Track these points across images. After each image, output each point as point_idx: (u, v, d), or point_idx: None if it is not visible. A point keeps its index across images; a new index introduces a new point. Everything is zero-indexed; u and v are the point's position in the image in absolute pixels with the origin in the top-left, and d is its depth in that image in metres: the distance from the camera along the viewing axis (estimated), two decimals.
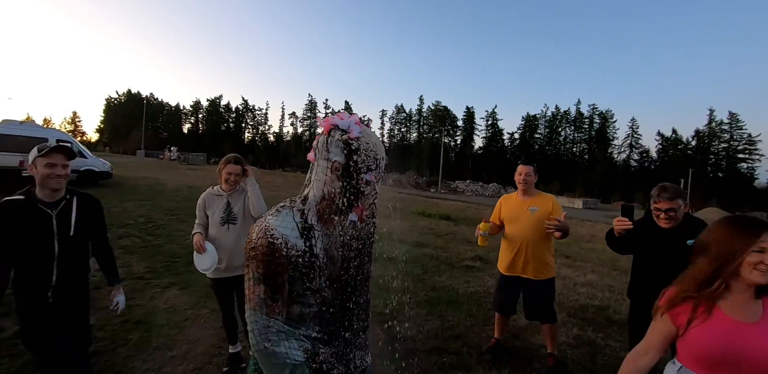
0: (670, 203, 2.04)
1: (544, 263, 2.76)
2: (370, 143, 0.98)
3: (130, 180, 14.06)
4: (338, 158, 0.96)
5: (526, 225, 2.74)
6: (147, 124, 73.12)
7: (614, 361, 3.05)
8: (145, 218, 7.16)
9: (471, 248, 7.36)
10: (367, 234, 1.06)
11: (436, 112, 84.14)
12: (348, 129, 0.98)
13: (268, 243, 0.89)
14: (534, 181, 2.84)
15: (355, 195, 0.97)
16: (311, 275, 0.94)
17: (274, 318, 0.90)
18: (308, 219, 0.97)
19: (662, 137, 72.44)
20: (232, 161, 2.42)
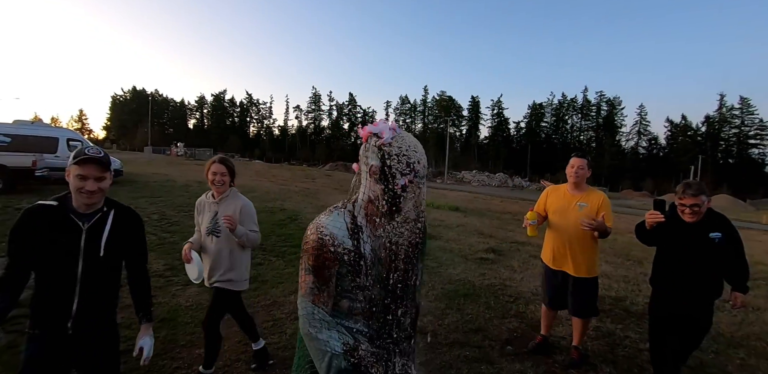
0: (694, 199, 2.14)
1: (590, 260, 2.70)
2: (402, 148, 1.00)
3: (140, 177, 14.18)
4: (374, 162, 1.02)
5: (573, 221, 2.65)
6: (153, 120, 73.37)
7: (634, 353, 3.06)
8: (159, 214, 7.23)
9: (483, 240, 7.35)
10: (414, 238, 1.08)
11: (441, 102, 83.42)
12: (380, 134, 1.03)
13: (318, 238, 0.99)
14: (587, 175, 2.76)
15: (394, 198, 1.01)
16: (358, 273, 1.02)
17: (319, 307, 0.99)
18: (357, 220, 1.04)
19: (671, 124, 71.29)
20: (217, 160, 2.24)
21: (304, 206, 10.11)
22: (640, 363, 2.89)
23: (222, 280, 2.22)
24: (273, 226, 7.00)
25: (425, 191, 1.07)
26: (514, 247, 6.95)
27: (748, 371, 2.87)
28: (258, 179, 17.91)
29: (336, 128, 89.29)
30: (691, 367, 2.87)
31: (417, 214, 1.06)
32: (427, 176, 1.09)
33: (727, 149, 66.95)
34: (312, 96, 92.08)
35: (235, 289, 2.27)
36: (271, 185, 15.77)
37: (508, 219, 11.39)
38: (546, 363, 2.79)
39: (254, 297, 3.56)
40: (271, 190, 13.53)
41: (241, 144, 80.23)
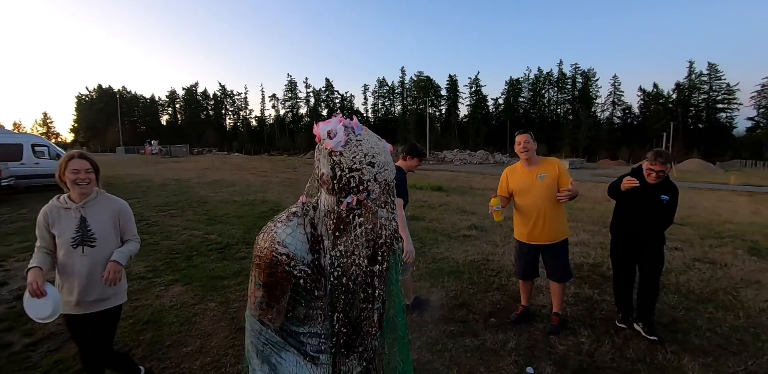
0: (662, 166, 2.72)
1: (559, 227, 2.86)
2: (356, 159, 0.82)
3: (115, 179, 13.76)
4: (325, 169, 0.86)
5: (538, 194, 2.78)
6: (123, 119, 70.59)
7: (611, 315, 3.20)
8: (137, 216, 6.96)
9: (466, 217, 7.47)
10: (366, 265, 0.92)
11: (419, 83, 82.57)
12: (331, 135, 0.85)
13: (272, 255, 0.85)
14: (534, 148, 2.85)
15: (339, 218, 0.87)
16: (316, 286, 0.91)
17: (265, 325, 0.92)
18: (318, 229, 0.90)
19: (644, 93, 72.57)
20: (76, 155, 1.83)
21: (286, 196, 10.03)
22: (616, 324, 3.03)
23: (105, 298, 1.86)
24: (256, 219, 6.94)
25: (387, 217, 0.89)
26: (496, 223, 7.07)
27: (716, 323, 3.05)
28: (238, 173, 17.61)
29: (315, 115, 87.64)
30: (664, 324, 3.03)
31: (370, 241, 0.88)
32: (390, 193, 0.89)
33: (697, 114, 68.83)
34: (288, 84, 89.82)
35: (121, 302, 1.95)
36: (252, 177, 15.55)
37: (489, 196, 11.53)
38: (528, 332, 2.90)
39: (239, 291, 3.55)
40: (252, 182, 13.34)
41: (218, 138, 78.25)
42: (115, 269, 1.79)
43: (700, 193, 15.64)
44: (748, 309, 3.37)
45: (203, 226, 6.33)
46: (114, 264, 1.80)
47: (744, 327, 3.00)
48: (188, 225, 6.37)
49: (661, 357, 2.56)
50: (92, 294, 1.82)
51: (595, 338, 2.80)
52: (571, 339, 2.80)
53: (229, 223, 6.59)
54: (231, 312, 3.12)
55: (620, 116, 76.50)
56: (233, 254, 4.76)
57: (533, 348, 2.67)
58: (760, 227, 7.22)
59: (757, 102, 65.20)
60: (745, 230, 6.81)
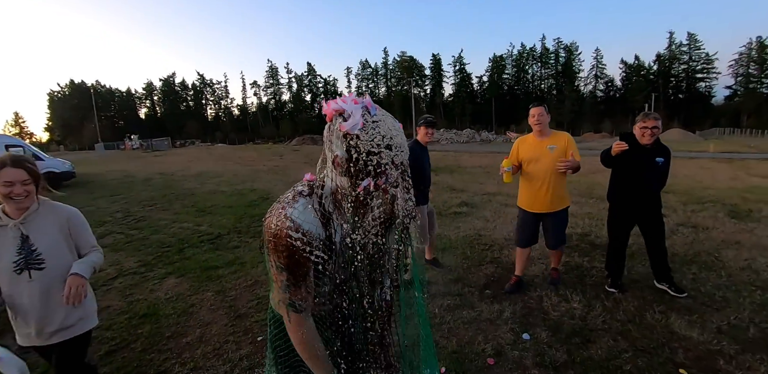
0: (655, 122, 2.80)
1: (562, 196, 3.03)
2: (374, 142, 0.81)
3: (96, 176, 13.41)
4: (339, 152, 0.84)
5: (548, 164, 2.92)
6: (99, 114, 68.18)
7: (600, 280, 3.30)
8: (123, 212, 6.93)
9: (456, 195, 7.52)
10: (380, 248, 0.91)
11: (402, 63, 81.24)
12: (346, 116, 0.83)
13: (288, 235, 0.83)
14: (547, 120, 3.02)
15: (356, 201, 0.85)
16: (327, 263, 0.91)
17: (297, 303, 0.88)
18: (326, 206, 0.90)
19: (625, 65, 72.86)
20: (9, 162, 1.47)
21: (275, 184, 9.94)
22: (606, 288, 3.13)
23: (70, 325, 1.58)
24: (246, 208, 6.88)
25: (404, 197, 0.87)
26: (486, 198, 7.16)
27: (700, 283, 3.18)
28: (224, 163, 17.32)
29: (298, 100, 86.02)
30: (651, 286, 3.14)
31: (387, 221, 0.87)
32: (406, 174, 0.88)
33: (677, 84, 69.74)
34: (268, 70, 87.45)
35: (90, 327, 1.67)
36: (238, 167, 15.31)
37: (478, 173, 11.63)
38: (522, 301, 2.98)
39: (235, 280, 3.55)
40: (239, 172, 13.15)
41: (200, 129, 76.45)
42: (77, 284, 1.47)
43: (681, 161, 15.97)
44: (730, 268, 3.50)
45: (192, 218, 6.25)
46: (75, 278, 1.48)
47: (726, 285, 3.13)
48: (177, 218, 6.28)
49: (649, 317, 2.67)
50: (52, 323, 1.53)
51: (586, 303, 2.89)
52: (564, 305, 2.88)
53: (218, 214, 6.51)
54: (228, 301, 3.12)
55: (603, 89, 77.00)
56: (225, 244, 4.73)
57: (528, 315, 2.75)
58: (738, 192, 7.44)
59: (734, 70, 66.25)
60: (725, 195, 7.01)
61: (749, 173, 11.38)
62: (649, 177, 2.86)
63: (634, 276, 3.38)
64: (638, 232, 3.09)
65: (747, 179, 9.85)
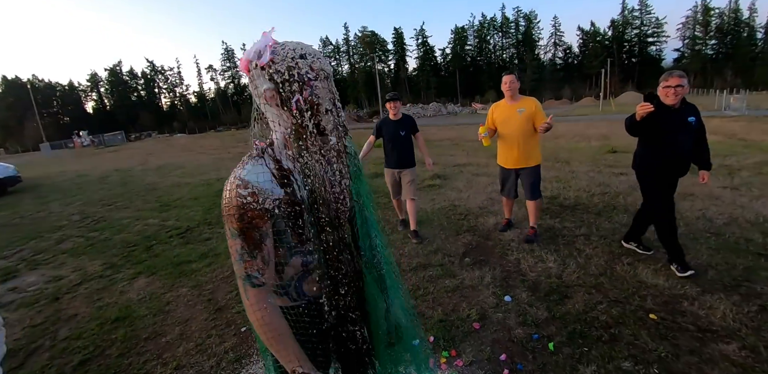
0: (679, 80, 2.52)
1: (533, 153, 3.39)
2: (287, 58, 0.81)
3: (45, 179, 12.49)
4: (265, 85, 0.83)
5: (517, 125, 3.31)
6: (41, 111, 62.79)
7: (572, 239, 3.43)
8: (80, 214, 6.51)
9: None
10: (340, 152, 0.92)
11: (364, 38, 78.79)
12: (258, 55, 0.82)
13: (238, 194, 0.79)
14: (518, 87, 3.37)
15: (302, 116, 0.84)
16: (299, 224, 0.86)
17: (252, 274, 0.82)
18: (283, 164, 0.86)
19: (582, 32, 74.15)
20: None
21: None
22: (578, 246, 3.26)
23: None
24: (213, 198, 6.62)
25: (329, 108, 0.87)
26: (457, 170, 7.21)
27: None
28: (185, 154, 16.56)
29: None
30: (618, 241, 3.28)
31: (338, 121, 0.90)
32: (330, 84, 0.89)
33: (630, 49, 72.05)
34: (224, 52, 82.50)
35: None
36: (201, 156, 14.69)
37: (447, 145, 11.68)
38: (501, 265, 3.05)
39: (210, 272, 3.43)
40: (203, 162, 12.62)
41: (155, 119, 72.24)
42: None
43: None
44: (686, 218, 3.72)
45: (157, 213, 5.95)
46: None
47: (684, 233, 3.32)
48: (140, 215, 5.97)
49: (619, 269, 2.80)
50: None
51: (560, 261, 3.00)
52: (540, 265, 2.98)
53: (185, 206, 6.24)
54: (206, 294, 3.01)
55: (561, 57, 78.47)
56: (196, 237, 4.54)
57: (507, 278, 2.82)
58: None
59: (682, 34, 69.13)
60: None
61: None
62: (684, 140, 2.58)
63: (601, 232, 3.53)
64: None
65: None
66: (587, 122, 17.72)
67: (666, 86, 2.55)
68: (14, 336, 2.67)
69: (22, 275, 3.91)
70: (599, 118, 20.09)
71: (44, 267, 4.07)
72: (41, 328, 2.75)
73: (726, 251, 2.96)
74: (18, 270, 4.05)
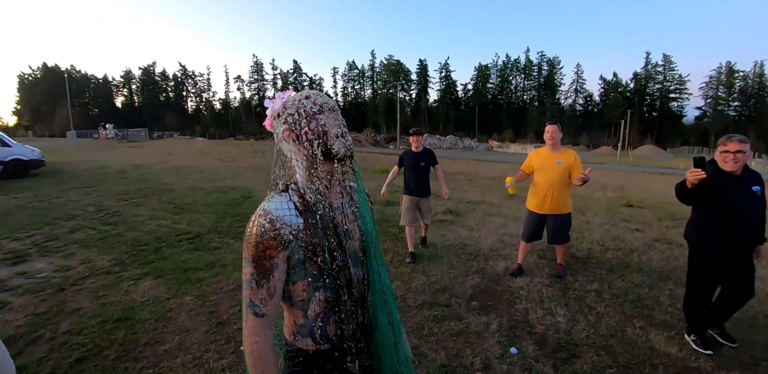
0: (739, 145, 2.29)
1: (565, 202, 3.54)
2: (295, 102, 0.96)
3: (67, 166, 12.80)
4: (283, 127, 0.97)
5: (553, 175, 3.47)
6: (73, 101, 65.29)
7: (583, 294, 3.36)
8: (95, 206, 6.63)
9: (441, 202, 7.54)
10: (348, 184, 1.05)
11: (389, 66, 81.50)
12: (272, 108, 1.00)
13: (259, 223, 0.86)
14: (560, 137, 3.54)
15: (313, 141, 0.94)
16: (316, 252, 0.90)
17: (258, 304, 0.86)
18: (306, 197, 0.93)
19: (604, 81, 75.68)
20: None
21: (257, 182, 9.73)
22: (589, 302, 3.19)
23: None
24: (226, 207, 6.70)
25: (338, 133, 0.95)
26: (470, 207, 7.22)
27: (676, 299, 3.27)
28: (203, 158, 16.89)
29: None
30: (631, 301, 3.22)
31: (346, 146, 0.97)
32: (336, 115, 0.99)
33: (651, 103, 72.90)
34: (253, 65, 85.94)
35: None
36: (218, 163, 14.95)
37: (462, 180, 11.75)
38: (508, 313, 2.99)
39: (216, 283, 3.43)
40: (219, 168, 12.84)
41: (179, 121, 74.30)
42: None
43: (654, 177, 16.61)
44: None
45: (170, 215, 6.03)
46: None
47: None
48: (154, 215, 6.05)
49: (630, 332, 2.73)
50: None
51: (570, 317, 2.93)
52: (549, 318, 2.91)
53: (197, 211, 6.31)
54: (209, 306, 3.00)
55: (582, 103, 79.63)
56: (205, 245, 4.57)
57: (514, 328, 2.77)
58: None
59: (705, 93, 70.04)
60: None
61: None
62: (749, 210, 2.29)
63: (614, 290, 3.46)
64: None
65: None
66: (604, 170, 17.76)
67: (724, 151, 2.33)
68: (16, 322, 2.68)
69: (33, 260, 3.96)
70: (616, 168, 20.12)
71: (54, 255, 4.11)
72: (44, 318, 2.76)
73: (744, 326, 2.87)
74: (29, 255, 4.10)
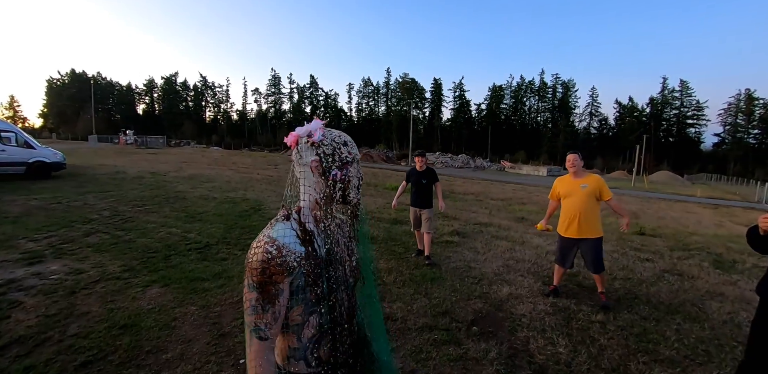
0: None
1: (594, 225, 3.65)
2: (334, 142, 1.02)
3: (86, 169, 13.21)
4: (313, 157, 1.01)
5: (578, 199, 3.64)
6: (96, 106, 67.77)
7: (587, 324, 3.31)
8: (110, 211, 6.81)
9: (448, 223, 7.56)
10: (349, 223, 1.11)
11: (404, 84, 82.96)
12: (312, 133, 1.03)
13: (265, 250, 0.90)
14: (581, 165, 3.73)
15: (334, 186, 1.02)
16: (317, 280, 0.95)
17: (263, 328, 0.89)
18: (307, 226, 0.99)
19: (620, 105, 75.54)
20: None
21: (268, 194, 9.88)
22: (592, 334, 3.14)
23: None
24: (236, 218, 6.81)
25: (356, 185, 1.07)
26: (478, 228, 7.20)
27: (684, 334, 3.21)
28: (217, 167, 17.23)
29: (297, 111, 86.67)
30: (636, 334, 3.16)
31: (357, 197, 1.08)
32: (358, 166, 1.09)
33: (668, 128, 72.27)
34: (271, 78, 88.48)
35: None
36: (232, 173, 15.23)
37: (471, 200, 11.74)
38: (508, 341, 2.97)
39: (221, 294, 3.48)
40: (232, 179, 13.08)
41: (196, 130, 76.16)
42: None
43: (669, 204, 16.34)
44: (713, 320, 3.55)
45: (181, 223, 6.16)
46: None
47: (709, 338, 3.17)
48: (165, 222, 6.18)
49: (633, 368, 2.67)
50: None
51: (572, 348, 2.89)
52: (550, 348, 2.88)
53: (208, 221, 6.44)
54: (212, 317, 3.05)
55: (596, 127, 79.37)
56: (214, 255, 4.65)
57: (514, 357, 2.74)
58: (723, 240, 7.62)
59: (723, 119, 69.13)
60: (710, 243, 7.17)
61: (733, 221, 11.68)
62: None
63: (619, 322, 3.41)
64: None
65: (731, 227, 10.11)
66: (618, 195, 17.47)
67: None
68: (28, 322, 2.77)
69: (47, 262, 4.09)
70: (631, 193, 19.86)
71: (68, 258, 4.24)
72: (54, 320, 2.84)
73: None
74: (44, 256, 4.23)
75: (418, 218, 5.00)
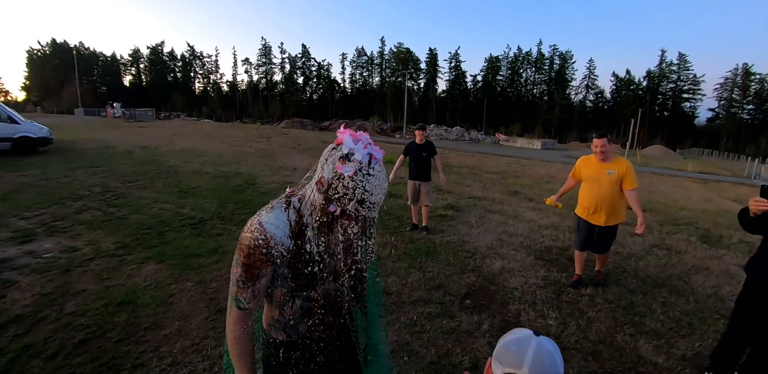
0: None
1: (616, 213, 3.44)
2: (355, 191, 0.88)
3: (74, 144, 12.89)
4: (327, 175, 0.92)
5: (604, 185, 3.36)
6: (81, 78, 65.31)
7: (576, 298, 3.41)
8: (101, 187, 6.71)
9: (442, 196, 7.57)
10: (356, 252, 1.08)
11: (399, 54, 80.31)
12: (352, 153, 0.89)
13: (254, 237, 0.92)
14: (610, 149, 3.41)
15: (323, 216, 0.95)
16: (297, 274, 0.98)
17: (243, 300, 0.96)
18: (304, 218, 0.98)
19: (616, 78, 74.32)
20: None
21: (261, 168, 9.79)
22: (581, 307, 3.24)
23: None
24: (230, 192, 6.76)
25: (369, 231, 1.02)
26: (472, 202, 7.24)
27: (669, 307, 3.32)
28: (209, 141, 16.91)
29: (290, 82, 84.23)
30: (623, 307, 3.26)
31: (347, 241, 1.00)
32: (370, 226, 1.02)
33: (664, 102, 71.65)
34: (262, 48, 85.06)
35: None
36: (224, 146, 14.97)
37: (465, 174, 11.73)
38: (500, 313, 3.05)
39: (216, 270, 3.50)
40: (225, 152, 12.88)
41: (186, 102, 74.16)
42: None
43: (660, 178, 16.52)
44: (698, 294, 3.67)
45: (174, 199, 6.11)
46: None
47: (693, 311, 3.28)
48: (158, 198, 6.12)
49: (620, 339, 2.78)
50: None
51: (561, 320, 2.99)
52: (540, 321, 2.97)
53: (201, 196, 6.38)
54: (209, 293, 3.08)
55: (592, 100, 78.45)
56: (208, 231, 4.65)
57: (505, 329, 2.82)
58: (711, 215, 7.76)
59: (719, 94, 68.73)
60: (699, 218, 7.30)
61: (722, 196, 11.88)
62: None
63: (607, 296, 3.51)
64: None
65: (720, 202, 10.29)
66: None
67: None
68: (24, 302, 2.77)
69: (40, 239, 4.06)
70: None
71: (61, 235, 4.21)
72: (50, 298, 2.85)
73: None
74: (36, 234, 4.20)
75: (417, 191, 5.07)
